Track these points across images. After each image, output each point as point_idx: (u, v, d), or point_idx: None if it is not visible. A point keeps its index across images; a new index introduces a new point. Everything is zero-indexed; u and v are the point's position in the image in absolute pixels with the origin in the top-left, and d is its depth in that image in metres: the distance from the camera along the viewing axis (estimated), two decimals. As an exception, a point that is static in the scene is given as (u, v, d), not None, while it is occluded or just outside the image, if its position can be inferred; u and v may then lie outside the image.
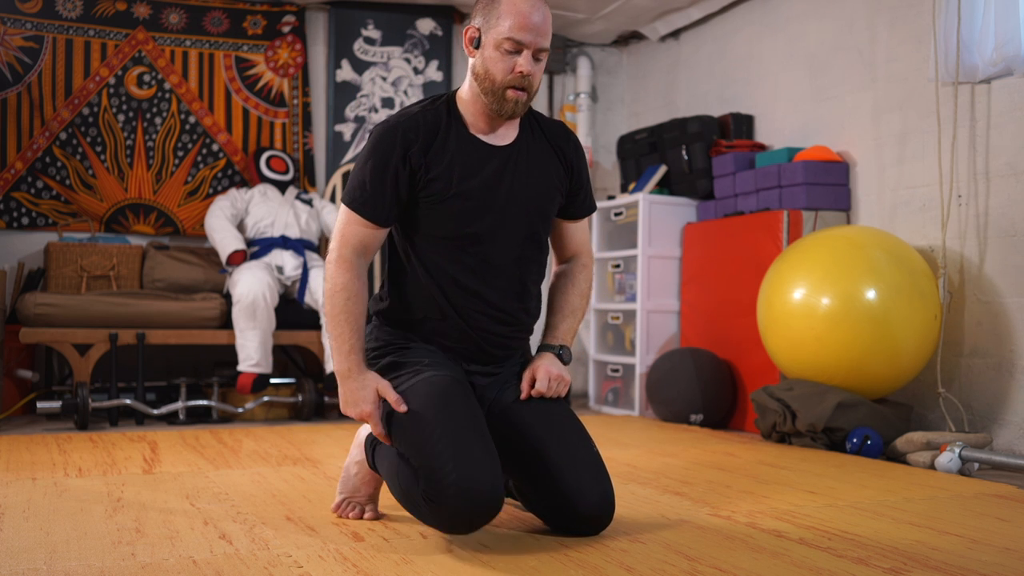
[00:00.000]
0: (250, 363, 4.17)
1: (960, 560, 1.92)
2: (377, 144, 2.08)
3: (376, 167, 2.06)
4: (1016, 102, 3.41)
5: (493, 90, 2.06)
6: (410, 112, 2.11)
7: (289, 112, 5.12)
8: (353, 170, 2.12)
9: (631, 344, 4.73)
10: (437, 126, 2.09)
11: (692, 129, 4.66)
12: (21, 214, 4.65)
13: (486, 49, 2.05)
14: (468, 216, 2.09)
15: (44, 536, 2.02)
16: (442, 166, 2.07)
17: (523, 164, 2.15)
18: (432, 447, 1.88)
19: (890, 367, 3.44)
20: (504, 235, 2.13)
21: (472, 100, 2.11)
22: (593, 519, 2.04)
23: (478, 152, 2.11)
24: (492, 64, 2.04)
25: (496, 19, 2.04)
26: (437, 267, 2.11)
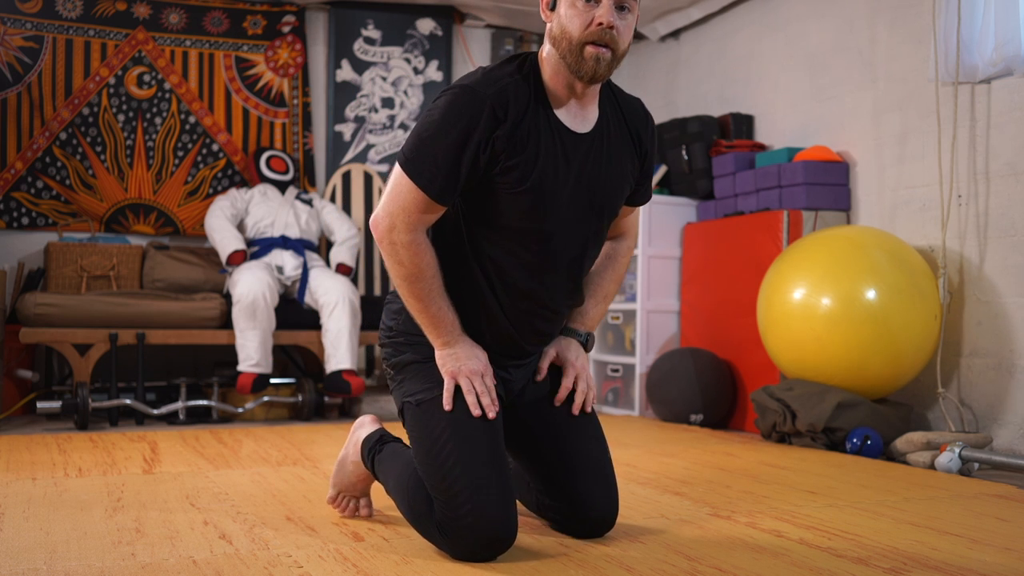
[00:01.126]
0: (250, 363, 4.17)
1: (960, 560, 1.92)
2: (460, 113, 1.83)
3: (456, 141, 1.83)
4: (1016, 102, 3.41)
5: (571, 49, 1.85)
6: (499, 80, 1.87)
7: (289, 112, 5.12)
8: (420, 133, 1.86)
9: (631, 344, 4.73)
10: (526, 104, 1.88)
11: (692, 129, 4.66)
12: (21, 214, 4.65)
13: (562, 6, 1.86)
14: (540, 211, 1.92)
15: (44, 536, 2.02)
16: (525, 153, 1.87)
17: (603, 156, 1.98)
18: (448, 476, 1.84)
19: (890, 367, 3.44)
20: (573, 232, 1.98)
21: (553, 69, 1.91)
22: (599, 523, 2.04)
23: (562, 142, 1.92)
24: (568, 20, 1.84)
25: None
26: (492, 259, 1.94)
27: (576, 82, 1.90)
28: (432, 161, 1.84)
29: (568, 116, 1.94)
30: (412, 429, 1.98)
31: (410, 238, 1.88)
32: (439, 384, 1.95)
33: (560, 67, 1.90)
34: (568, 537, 2.05)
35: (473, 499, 1.81)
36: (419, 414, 1.96)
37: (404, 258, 1.89)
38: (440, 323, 1.93)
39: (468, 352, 1.95)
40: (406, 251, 1.88)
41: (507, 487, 1.88)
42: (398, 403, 2.05)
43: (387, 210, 1.89)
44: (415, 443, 1.95)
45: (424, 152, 1.85)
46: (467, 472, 1.84)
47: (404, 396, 2.01)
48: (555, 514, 2.07)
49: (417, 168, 1.85)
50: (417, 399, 1.97)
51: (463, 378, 1.92)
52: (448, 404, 1.91)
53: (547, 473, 2.05)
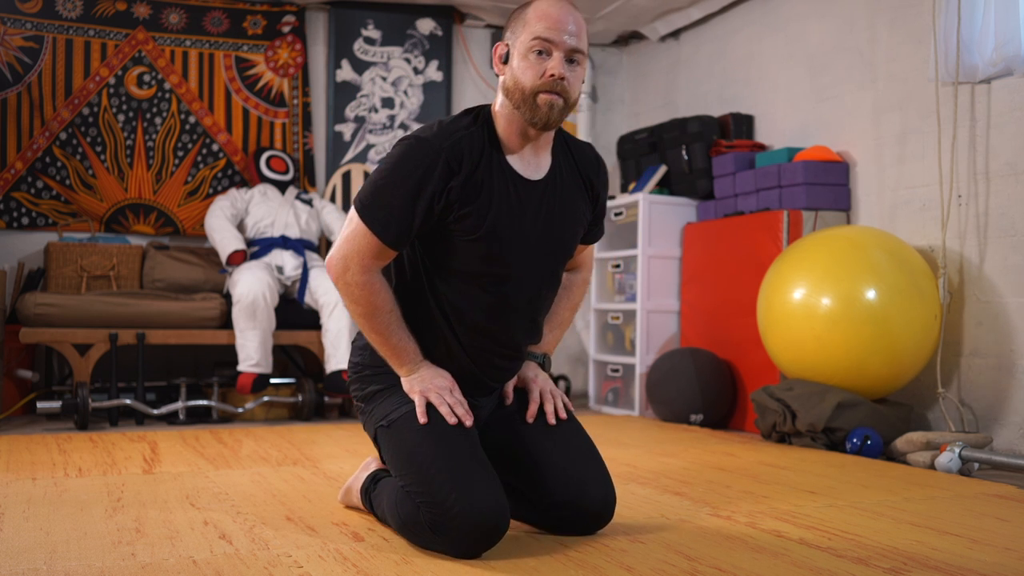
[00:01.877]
0: (250, 363, 4.17)
1: (960, 560, 1.92)
2: (416, 163, 1.90)
3: (410, 190, 1.89)
4: (1016, 102, 3.41)
5: (524, 99, 1.93)
6: (453, 133, 1.94)
7: (289, 112, 5.12)
8: (377, 181, 1.93)
9: (631, 344, 4.73)
10: (480, 155, 1.95)
11: (692, 129, 4.66)
12: (21, 214, 4.65)
13: (514, 59, 1.95)
14: (495, 256, 1.98)
15: (44, 536, 2.02)
16: (479, 201, 1.94)
17: (556, 202, 2.04)
18: (432, 477, 1.86)
19: (890, 367, 3.44)
20: (528, 275, 2.04)
21: (506, 119, 1.98)
22: (596, 515, 2.04)
23: (516, 189, 1.98)
24: (522, 72, 1.92)
25: (522, 27, 1.95)
26: (449, 300, 2.00)
27: (529, 130, 1.97)
28: (387, 208, 1.91)
29: (521, 164, 2.01)
30: (388, 449, 2.00)
31: (364, 279, 1.95)
32: (407, 403, 1.99)
33: (514, 116, 1.97)
34: (568, 537, 2.05)
35: (458, 489, 1.83)
36: (392, 433, 1.99)
37: (359, 297, 1.96)
38: (402, 353, 2.00)
39: (433, 372, 2.02)
40: (360, 291, 1.96)
41: (491, 474, 1.90)
42: (371, 432, 2.09)
43: (341, 252, 1.97)
44: (393, 460, 1.98)
45: (379, 199, 1.92)
46: (448, 467, 1.86)
47: (376, 423, 2.05)
48: (554, 513, 2.05)
49: (372, 214, 1.92)
50: (388, 420, 2.01)
51: (432, 394, 1.98)
52: (423, 418, 1.94)
53: (536, 473, 2.04)
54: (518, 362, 2.14)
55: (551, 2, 1.95)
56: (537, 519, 2.09)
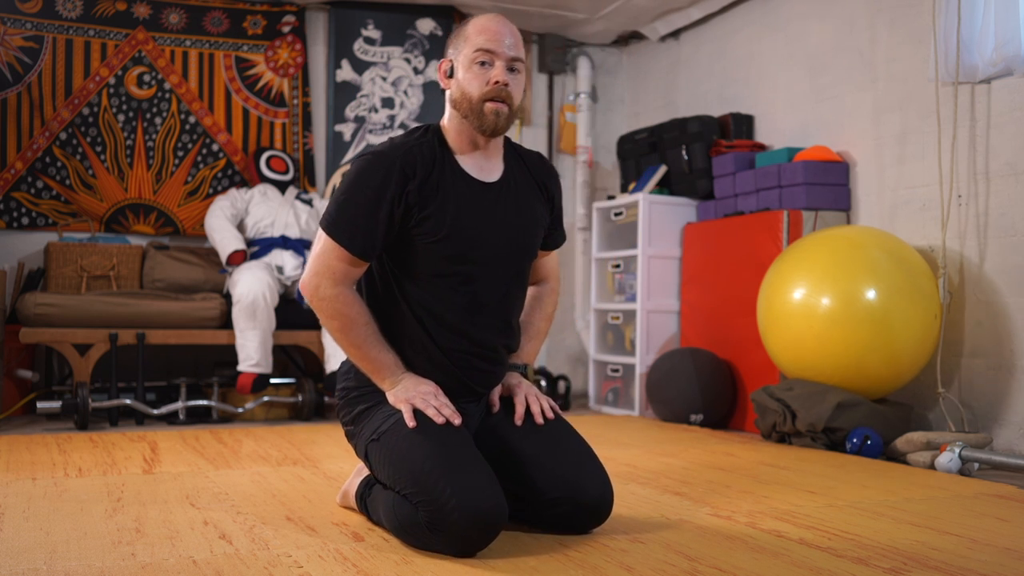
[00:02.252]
0: (250, 363, 4.17)
1: (960, 560, 1.92)
2: (371, 174, 2.00)
3: (370, 200, 1.99)
4: (1016, 102, 3.41)
5: (472, 108, 2.04)
6: (404, 143, 2.06)
7: (289, 112, 5.12)
8: (338, 198, 2.03)
9: (631, 344, 4.73)
10: (432, 160, 2.05)
11: (692, 129, 4.66)
12: (21, 214, 4.65)
13: (459, 72, 2.06)
14: (460, 256, 2.05)
15: (44, 536, 2.02)
16: (436, 203, 2.03)
17: (512, 202, 2.13)
18: (426, 476, 1.86)
19: (890, 367, 3.44)
20: (494, 274, 2.11)
21: (456, 130, 2.10)
22: (593, 511, 2.04)
23: (471, 190, 2.08)
24: (467, 83, 2.04)
25: (464, 42, 2.07)
26: (424, 306, 2.06)
27: (479, 137, 2.09)
28: (351, 221, 2.00)
29: (475, 169, 2.11)
30: (380, 460, 2.01)
31: (336, 292, 2.02)
32: (395, 413, 2.01)
33: (463, 126, 2.08)
34: (568, 537, 2.05)
35: (453, 484, 1.83)
36: (382, 444, 2.00)
37: (334, 312, 2.02)
38: (382, 366, 2.04)
39: (416, 380, 2.05)
40: (334, 305, 2.02)
41: (485, 468, 1.91)
42: (361, 452, 2.10)
43: (313, 271, 2.04)
44: (386, 470, 1.98)
45: (343, 214, 2.01)
46: (441, 464, 1.87)
47: (366, 440, 2.06)
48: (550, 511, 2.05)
49: (338, 229, 2.00)
50: (378, 433, 2.02)
51: (418, 400, 2.00)
52: (411, 422, 1.96)
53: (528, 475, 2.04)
54: (499, 366, 2.17)
55: (488, 17, 2.10)
56: (535, 518, 2.08)
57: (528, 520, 2.10)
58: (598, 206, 5.02)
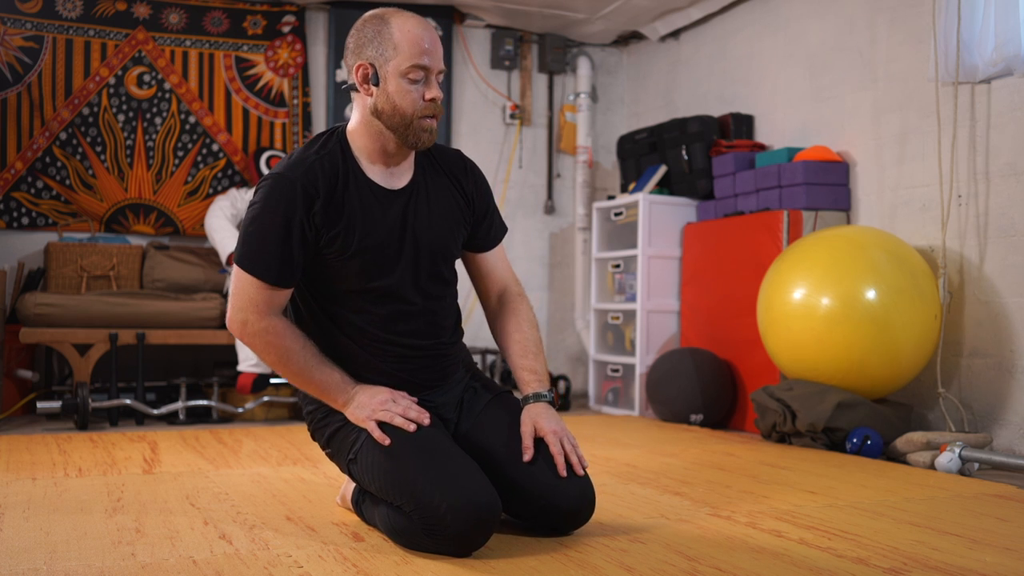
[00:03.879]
0: (250, 363, 4.17)
1: (960, 560, 1.92)
2: (277, 200, 1.93)
3: (277, 226, 1.92)
4: (1016, 102, 3.41)
5: (405, 124, 1.95)
6: (305, 161, 1.96)
7: (289, 112, 5.12)
8: (248, 227, 1.95)
9: (631, 344, 4.73)
10: (335, 175, 1.97)
11: (692, 129, 4.66)
12: (21, 214, 4.65)
13: (389, 83, 1.94)
14: (373, 271, 2.00)
15: (44, 536, 2.02)
16: (344, 221, 1.96)
17: (423, 206, 2.06)
18: (412, 484, 1.85)
19: (890, 367, 3.44)
20: (410, 283, 2.05)
21: (370, 139, 2.00)
22: (572, 513, 2.00)
23: (378, 202, 2.00)
24: (400, 97, 1.94)
25: (392, 49, 1.93)
26: (346, 320, 2.03)
27: (392, 145, 2.00)
28: (263, 250, 1.93)
29: (382, 177, 2.03)
30: (363, 476, 2.00)
31: (265, 324, 1.97)
32: (364, 431, 1.98)
33: (380, 137, 1.99)
34: (568, 537, 2.05)
35: (441, 487, 1.83)
36: (360, 464, 1.99)
37: (267, 344, 1.97)
38: (330, 387, 1.99)
39: (368, 394, 2.00)
40: (266, 337, 1.97)
41: (469, 463, 1.90)
42: (344, 469, 2.08)
43: (235, 307, 1.98)
44: (371, 483, 1.97)
45: (253, 245, 1.94)
46: (425, 469, 1.86)
47: (345, 460, 2.04)
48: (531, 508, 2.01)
49: (252, 261, 1.94)
50: (354, 452, 2.00)
51: (379, 413, 1.96)
52: (385, 441, 1.92)
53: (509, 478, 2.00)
54: (442, 359, 2.12)
55: (416, 23, 1.96)
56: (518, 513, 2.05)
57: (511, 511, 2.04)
58: (598, 206, 5.02)
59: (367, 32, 1.97)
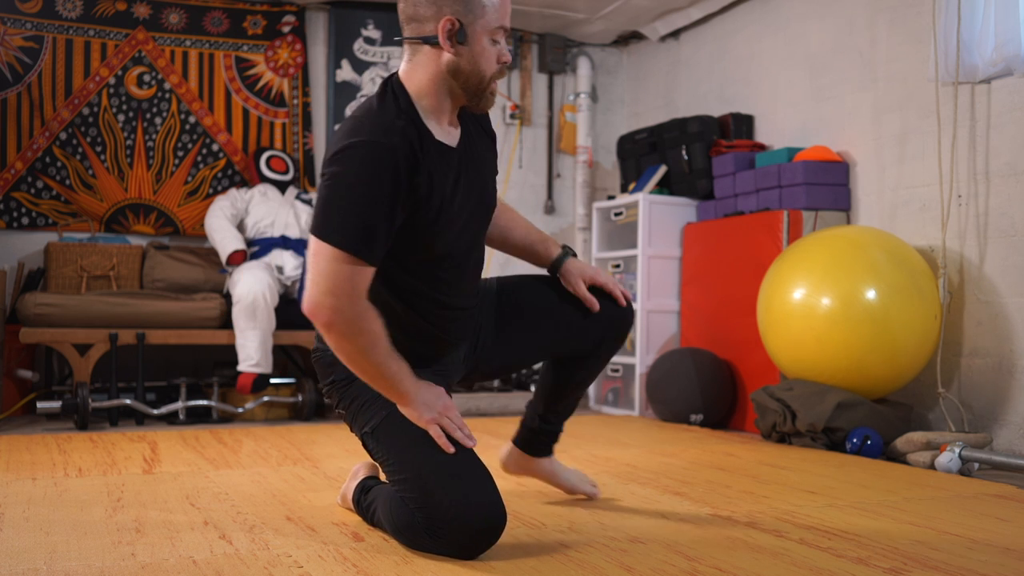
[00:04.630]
0: (250, 363, 4.17)
1: (960, 560, 1.92)
2: (376, 169, 1.77)
3: (380, 198, 1.76)
4: (1016, 102, 3.41)
5: (482, 86, 1.88)
6: (394, 125, 1.82)
7: (289, 112, 5.12)
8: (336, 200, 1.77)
9: (631, 344, 4.73)
10: (417, 136, 1.84)
11: (692, 129, 4.66)
12: (21, 214, 4.65)
13: (475, 42, 1.85)
14: (449, 236, 1.94)
15: (44, 536, 2.02)
16: (431, 187, 1.86)
17: (473, 164, 1.99)
18: (424, 481, 1.84)
19: (890, 367, 3.44)
20: (470, 240, 2.02)
21: (437, 97, 1.89)
22: (629, 322, 2.25)
23: (448, 163, 1.90)
24: (483, 59, 1.86)
25: (480, 7, 1.84)
26: (411, 289, 1.95)
27: (453, 106, 1.93)
28: (363, 225, 1.76)
29: (443, 134, 1.93)
30: (377, 454, 1.99)
31: (359, 308, 1.80)
32: (386, 406, 1.94)
33: (450, 95, 1.90)
34: (568, 536, 2.05)
35: (451, 491, 1.81)
36: (377, 440, 1.97)
37: (358, 331, 1.81)
38: (401, 378, 1.87)
39: (433, 393, 1.93)
40: (358, 323, 1.80)
41: (484, 473, 1.88)
42: (355, 431, 2.05)
43: (324, 290, 1.78)
44: (384, 465, 1.96)
45: (352, 219, 1.76)
46: (440, 470, 1.85)
47: (361, 429, 2.00)
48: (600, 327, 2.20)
49: (349, 237, 1.76)
50: (372, 426, 1.97)
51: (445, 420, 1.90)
52: (450, 448, 1.87)
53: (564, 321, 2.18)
54: (471, 316, 2.12)
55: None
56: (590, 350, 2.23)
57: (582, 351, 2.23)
58: (598, 206, 5.02)
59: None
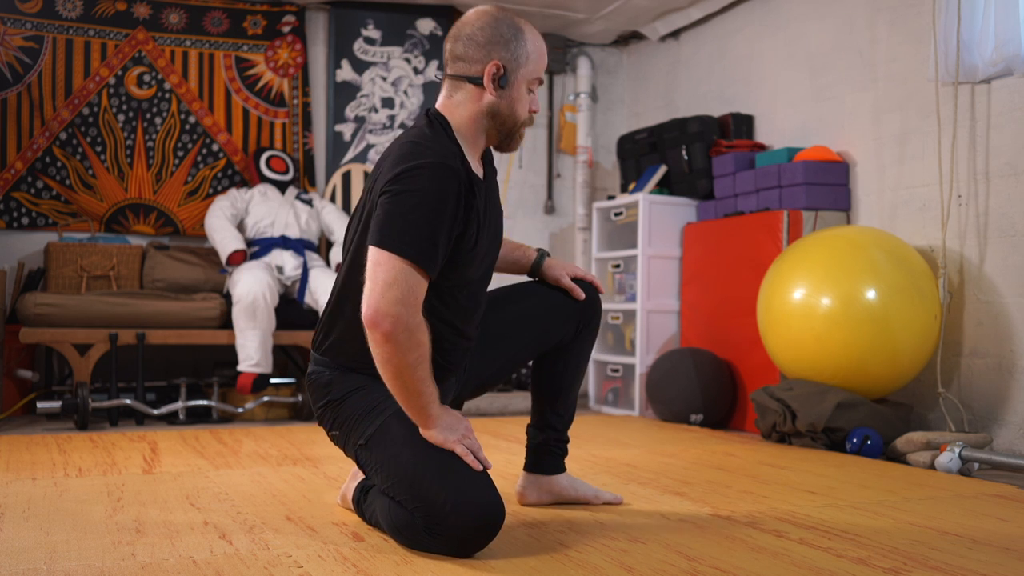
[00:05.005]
0: (250, 363, 4.17)
1: (960, 560, 1.92)
2: (443, 188, 1.86)
3: (444, 215, 1.86)
4: (1016, 102, 3.41)
5: (513, 129, 2.03)
6: (449, 151, 1.93)
7: (289, 112, 5.12)
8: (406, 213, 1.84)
9: (631, 344, 4.73)
10: (464, 167, 1.94)
11: (692, 129, 4.66)
12: (21, 214, 4.65)
13: (516, 88, 2.00)
14: (478, 262, 2.03)
15: (44, 536, 2.02)
16: (474, 213, 1.96)
17: (492, 195, 2.12)
18: (420, 480, 1.85)
19: (890, 367, 3.44)
20: (486, 271, 2.12)
21: (475, 133, 2.02)
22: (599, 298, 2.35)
23: (480, 193, 2.00)
24: (519, 104, 2.01)
25: (525, 57, 1.99)
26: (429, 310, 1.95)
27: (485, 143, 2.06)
28: (430, 239, 1.85)
29: (476, 166, 2.04)
30: (370, 464, 1.99)
31: (418, 319, 1.85)
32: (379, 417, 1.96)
33: (485, 133, 2.03)
34: (568, 536, 2.05)
35: (448, 488, 1.82)
36: (371, 449, 1.97)
37: (415, 343, 1.84)
38: (429, 402, 1.90)
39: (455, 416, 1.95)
40: (416, 335, 1.84)
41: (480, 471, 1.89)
42: (350, 455, 2.06)
43: (390, 299, 1.81)
44: (378, 473, 1.96)
45: (420, 232, 1.84)
46: (435, 468, 1.85)
47: (356, 444, 2.01)
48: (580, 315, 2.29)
49: (418, 249, 1.83)
50: (366, 437, 1.98)
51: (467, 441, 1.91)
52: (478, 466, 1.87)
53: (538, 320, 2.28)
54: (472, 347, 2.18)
55: (539, 37, 2.05)
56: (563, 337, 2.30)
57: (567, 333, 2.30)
58: (598, 206, 5.02)
59: (503, 32, 1.98)
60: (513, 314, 2.27)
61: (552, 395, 2.35)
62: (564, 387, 2.35)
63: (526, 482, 2.40)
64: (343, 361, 2.06)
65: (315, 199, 4.82)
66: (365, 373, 2.02)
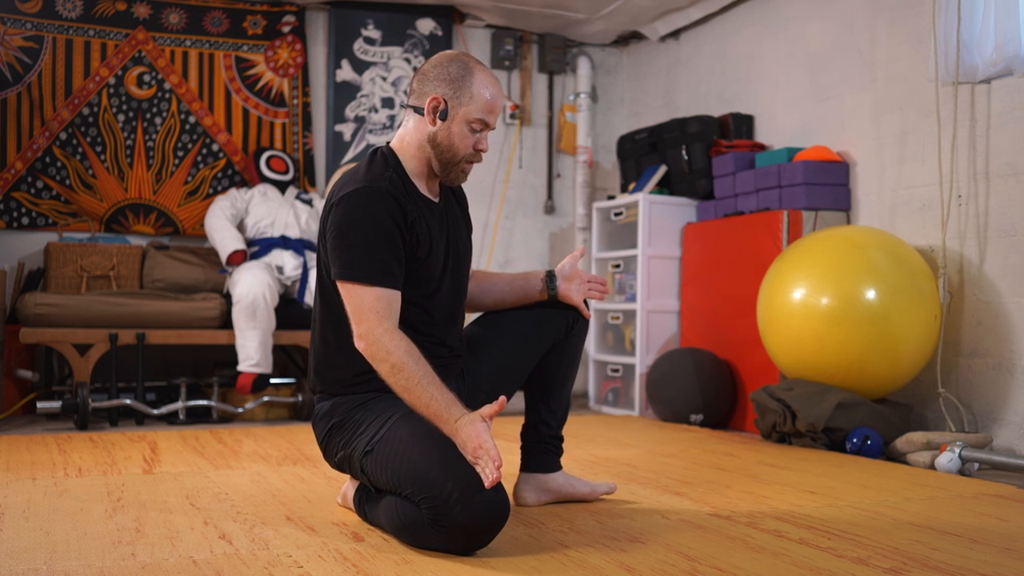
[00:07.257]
0: (250, 363, 4.17)
1: (960, 560, 1.92)
2: (376, 208, 2.03)
3: (384, 231, 2.02)
4: (1016, 102, 3.41)
5: (453, 162, 2.14)
6: (382, 176, 2.08)
7: (289, 112, 5.12)
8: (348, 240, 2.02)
9: (631, 344, 4.73)
10: (403, 188, 2.10)
11: (692, 129, 4.66)
12: (21, 214, 4.65)
13: (454, 124, 2.11)
14: (435, 275, 2.16)
15: (44, 536, 2.02)
16: (418, 230, 2.10)
17: (454, 218, 2.26)
18: (426, 473, 1.86)
19: (890, 367, 3.44)
20: (457, 285, 2.23)
21: (419, 160, 2.16)
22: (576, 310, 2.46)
23: (432, 212, 2.17)
24: (458, 139, 2.12)
25: (468, 97, 2.11)
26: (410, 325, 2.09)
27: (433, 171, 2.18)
28: (380, 259, 2.01)
29: (426, 189, 2.20)
30: (376, 469, 1.99)
31: (398, 336, 1.99)
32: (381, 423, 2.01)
33: (428, 160, 2.16)
34: (568, 536, 2.05)
35: (454, 477, 1.83)
36: (376, 454, 1.99)
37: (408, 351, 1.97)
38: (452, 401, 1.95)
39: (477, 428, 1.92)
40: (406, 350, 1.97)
41: None
42: (357, 469, 2.07)
43: (365, 328, 1.99)
44: (384, 474, 1.97)
45: (368, 254, 2.01)
46: (442, 461, 1.86)
47: (360, 456, 2.03)
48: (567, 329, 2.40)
49: (370, 271, 2.01)
50: (367, 447, 2.01)
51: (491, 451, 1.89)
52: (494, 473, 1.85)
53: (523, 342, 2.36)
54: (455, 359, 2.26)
55: (493, 81, 2.15)
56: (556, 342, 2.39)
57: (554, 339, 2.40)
58: (598, 206, 5.02)
59: (451, 71, 2.12)
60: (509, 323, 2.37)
61: (545, 393, 2.40)
62: (556, 385, 2.40)
63: (523, 482, 2.43)
64: (338, 389, 2.14)
65: (315, 199, 4.82)
66: (363, 392, 2.10)
